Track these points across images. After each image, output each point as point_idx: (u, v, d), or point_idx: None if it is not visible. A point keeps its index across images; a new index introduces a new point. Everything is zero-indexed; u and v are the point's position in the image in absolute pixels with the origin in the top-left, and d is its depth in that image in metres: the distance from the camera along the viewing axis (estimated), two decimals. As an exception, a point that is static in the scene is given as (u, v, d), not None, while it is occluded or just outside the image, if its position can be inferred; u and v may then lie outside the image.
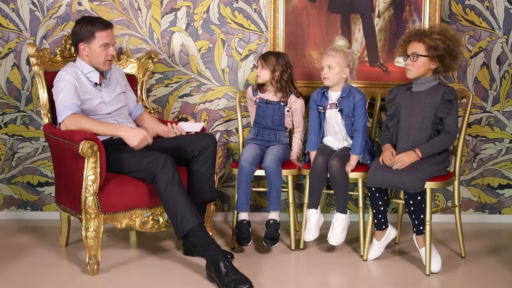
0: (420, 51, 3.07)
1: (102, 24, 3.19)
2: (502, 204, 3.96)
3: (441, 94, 3.07)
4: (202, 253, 2.93)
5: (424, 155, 3.05)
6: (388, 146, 3.19)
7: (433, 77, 3.14)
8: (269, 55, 3.46)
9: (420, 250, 3.11)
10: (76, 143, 2.93)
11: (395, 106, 3.22)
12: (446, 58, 3.06)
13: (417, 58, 3.07)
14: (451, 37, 3.06)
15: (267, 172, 3.32)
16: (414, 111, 3.12)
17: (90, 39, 3.18)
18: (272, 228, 3.30)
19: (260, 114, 3.50)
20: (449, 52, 3.05)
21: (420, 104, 3.11)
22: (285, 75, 3.44)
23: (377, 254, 3.24)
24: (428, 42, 3.05)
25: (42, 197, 3.97)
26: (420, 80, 3.13)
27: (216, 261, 2.84)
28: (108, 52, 3.20)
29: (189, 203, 2.94)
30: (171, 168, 2.96)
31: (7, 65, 3.84)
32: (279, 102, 3.47)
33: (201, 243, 2.91)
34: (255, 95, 3.53)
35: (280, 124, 3.50)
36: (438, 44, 3.03)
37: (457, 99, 3.12)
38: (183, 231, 2.92)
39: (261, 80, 3.46)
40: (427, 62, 3.08)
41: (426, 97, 3.11)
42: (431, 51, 3.04)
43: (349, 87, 3.34)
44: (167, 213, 2.99)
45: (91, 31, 3.17)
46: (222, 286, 2.80)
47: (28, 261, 3.20)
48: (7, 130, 3.91)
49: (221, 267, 2.82)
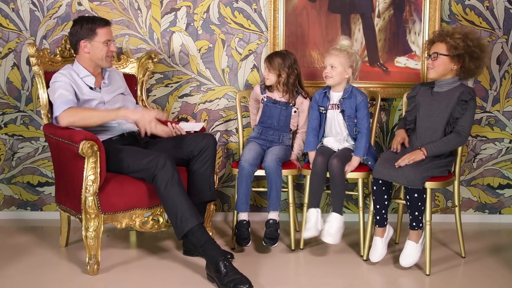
0: (441, 51, 3.09)
1: (102, 21, 3.23)
2: (502, 204, 3.96)
3: (458, 94, 3.08)
4: (202, 253, 2.93)
5: (429, 154, 3.05)
6: (402, 131, 3.25)
7: (455, 79, 3.13)
8: (275, 57, 3.43)
9: (407, 242, 3.09)
10: (76, 143, 2.93)
11: (414, 103, 3.24)
12: (466, 58, 3.05)
13: (437, 57, 3.08)
14: (474, 39, 3.07)
15: (267, 172, 3.32)
16: (432, 112, 3.13)
17: (92, 36, 3.19)
18: (271, 228, 3.30)
19: (267, 113, 3.50)
20: (469, 53, 3.05)
21: (439, 105, 3.11)
22: (292, 77, 3.42)
23: (382, 255, 3.16)
24: (449, 42, 3.07)
25: (42, 197, 3.97)
26: (441, 82, 3.14)
27: (216, 261, 2.84)
28: (110, 48, 3.23)
29: (189, 203, 2.94)
30: (171, 168, 2.97)
31: (7, 65, 3.85)
32: (286, 103, 3.47)
33: (201, 243, 2.91)
34: (263, 93, 3.52)
35: (286, 125, 3.49)
36: (458, 43, 3.04)
37: (475, 100, 3.11)
38: (182, 231, 2.92)
39: (269, 82, 3.45)
40: (447, 61, 3.08)
41: (445, 98, 3.11)
42: (452, 50, 3.06)
43: (351, 88, 3.34)
44: (167, 213, 3.00)
45: (92, 28, 3.19)
46: (222, 286, 2.80)
47: (28, 261, 3.20)
48: (7, 130, 3.91)
49: (221, 267, 2.82)
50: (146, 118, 3.05)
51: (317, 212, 3.26)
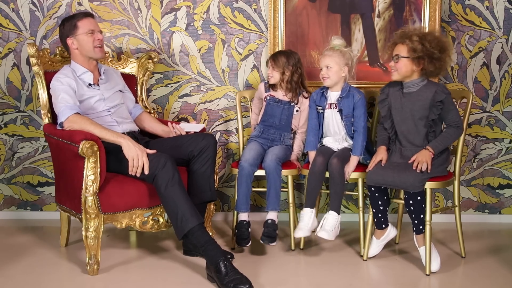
0: (402, 53, 3.08)
1: (81, 14, 3.26)
2: (502, 204, 3.96)
3: (431, 96, 3.07)
4: (202, 253, 2.93)
5: (436, 152, 3.05)
6: (383, 150, 3.19)
7: (421, 79, 3.12)
8: (279, 55, 3.45)
9: (420, 249, 3.11)
10: (76, 143, 2.93)
11: (387, 106, 3.21)
12: (425, 60, 3.05)
13: (398, 59, 3.08)
14: (432, 40, 3.04)
15: (267, 172, 3.32)
16: (406, 115, 3.12)
17: (74, 31, 3.22)
18: (270, 228, 3.29)
19: (269, 112, 3.50)
20: (428, 54, 3.03)
21: (413, 107, 3.10)
22: (295, 75, 3.44)
23: (376, 252, 3.25)
24: (408, 44, 3.06)
25: (42, 197, 3.97)
26: (408, 83, 3.13)
27: (216, 261, 2.84)
28: (95, 37, 3.23)
29: (189, 203, 2.94)
30: (171, 168, 2.96)
31: (7, 65, 3.85)
32: (289, 102, 3.47)
33: (201, 243, 2.91)
34: (267, 92, 3.52)
35: (287, 124, 3.49)
36: (416, 46, 3.03)
37: (450, 95, 3.10)
38: (183, 231, 2.92)
39: (273, 80, 3.46)
40: (408, 63, 3.07)
41: (417, 99, 3.10)
42: (411, 52, 3.05)
43: (349, 87, 3.34)
44: (167, 213, 2.99)
45: (72, 23, 3.22)
46: (222, 286, 2.80)
47: (28, 261, 3.20)
48: (7, 130, 3.91)
49: (221, 267, 2.82)
50: (139, 162, 2.98)
51: (311, 212, 3.25)
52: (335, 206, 3.23)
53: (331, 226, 3.19)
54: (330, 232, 3.18)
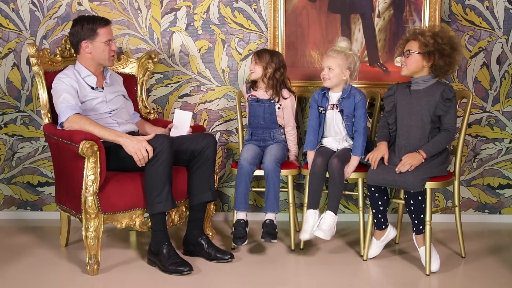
0: (413, 48, 3.11)
1: (102, 21, 3.24)
2: (502, 204, 3.96)
3: (440, 92, 3.09)
4: (151, 235, 3.07)
5: (428, 156, 3.06)
6: (384, 145, 3.19)
7: (430, 76, 3.15)
8: (264, 52, 3.47)
9: (420, 249, 3.11)
10: (76, 143, 2.93)
11: (393, 102, 3.23)
12: (436, 55, 3.08)
13: (409, 54, 3.11)
14: (444, 37, 3.10)
15: (266, 173, 3.32)
16: (413, 110, 3.14)
17: (93, 37, 3.20)
18: (269, 226, 3.28)
19: (253, 112, 3.51)
20: (439, 50, 3.07)
21: (419, 103, 3.12)
22: (278, 73, 3.44)
23: (376, 253, 3.25)
24: (420, 39, 3.10)
25: (42, 197, 3.97)
26: (417, 79, 3.15)
27: (161, 246, 3.00)
28: (111, 47, 3.24)
29: (170, 187, 3.02)
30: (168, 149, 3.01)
31: (7, 65, 3.85)
32: (269, 99, 3.46)
33: (156, 228, 3.04)
34: (248, 93, 3.53)
35: (273, 122, 3.49)
36: (429, 40, 3.07)
37: (456, 97, 3.14)
38: (153, 210, 3.02)
39: (254, 76, 3.46)
40: (419, 59, 3.11)
41: (424, 96, 3.12)
42: (422, 47, 3.09)
43: (350, 87, 3.34)
44: (145, 184, 3.03)
45: (93, 28, 3.20)
46: (165, 269, 2.98)
47: (28, 261, 3.20)
48: (7, 130, 3.91)
49: (163, 251, 2.98)
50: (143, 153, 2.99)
51: (315, 213, 3.25)
52: (332, 206, 3.23)
53: (328, 226, 3.19)
54: (327, 232, 3.18)
